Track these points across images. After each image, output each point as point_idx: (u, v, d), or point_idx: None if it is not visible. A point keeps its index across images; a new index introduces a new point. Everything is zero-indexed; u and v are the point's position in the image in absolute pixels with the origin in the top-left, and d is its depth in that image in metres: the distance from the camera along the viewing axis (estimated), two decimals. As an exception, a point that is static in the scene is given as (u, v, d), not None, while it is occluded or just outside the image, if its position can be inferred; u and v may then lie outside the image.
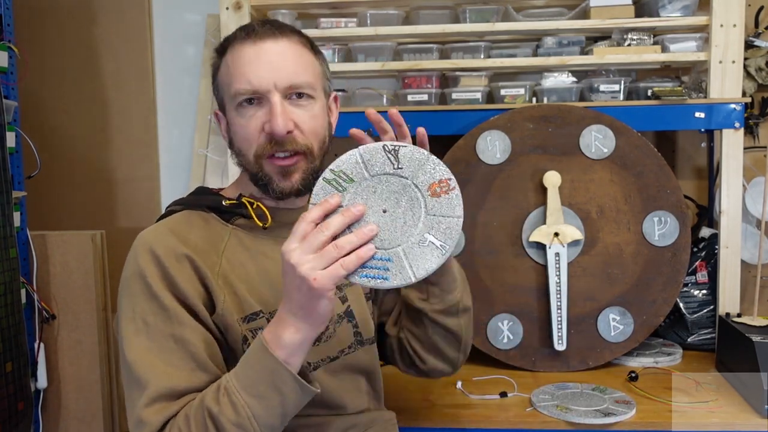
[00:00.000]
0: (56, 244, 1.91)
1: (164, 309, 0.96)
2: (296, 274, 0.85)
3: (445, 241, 0.90)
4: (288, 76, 1.02)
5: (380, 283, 0.89)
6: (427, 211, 0.91)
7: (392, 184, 0.92)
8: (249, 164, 1.06)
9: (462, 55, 1.83)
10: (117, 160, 2.22)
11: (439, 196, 0.92)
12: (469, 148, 1.71)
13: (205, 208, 1.09)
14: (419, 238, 0.90)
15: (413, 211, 0.91)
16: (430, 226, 0.91)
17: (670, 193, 1.66)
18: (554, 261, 1.65)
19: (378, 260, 0.89)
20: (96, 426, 1.93)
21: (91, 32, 2.19)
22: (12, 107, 1.80)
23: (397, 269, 0.89)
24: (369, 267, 0.89)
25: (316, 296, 0.86)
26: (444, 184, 0.92)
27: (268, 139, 1.02)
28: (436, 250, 0.90)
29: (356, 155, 0.93)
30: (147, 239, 1.01)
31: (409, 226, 0.91)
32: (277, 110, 1.01)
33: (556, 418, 1.39)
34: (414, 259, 0.90)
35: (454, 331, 1.17)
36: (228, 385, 0.90)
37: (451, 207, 0.91)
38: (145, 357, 0.95)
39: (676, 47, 1.76)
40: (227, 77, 1.05)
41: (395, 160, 0.93)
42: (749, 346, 1.45)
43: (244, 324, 1.02)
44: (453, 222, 0.91)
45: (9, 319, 1.69)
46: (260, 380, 0.89)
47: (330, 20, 1.82)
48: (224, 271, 1.02)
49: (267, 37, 1.03)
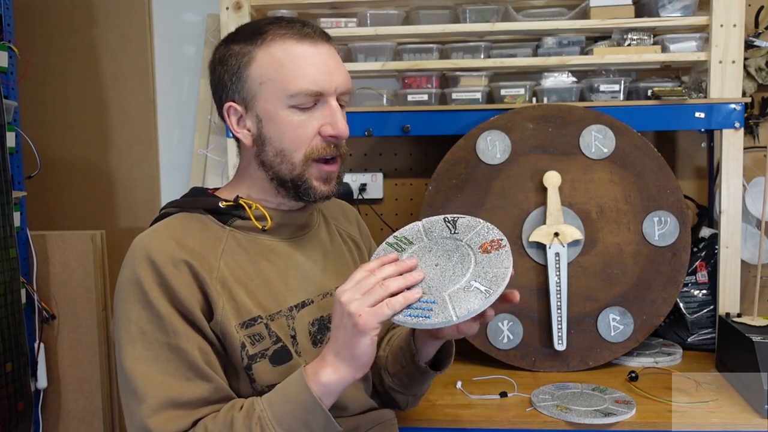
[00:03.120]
0: (56, 244, 1.91)
1: (160, 318, 0.96)
2: (344, 311, 0.90)
3: (489, 287, 0.93)
4: (344, 81, 1.04)
5: (422, 321, 0.92)
6: (477, 263, 0.97)
7: (447, 244, 1.01)
8: (291, 165, 1.03)
9: (462, 55, 1.83)
10: (117, 160, 2.23)
11: (489, 252, 0.97)
12: (469, 148, 1.71)
13: (202, 210, 1.07)
14: (465, 284, 0.95)
15: (463, 264, 0.97)
16: (477, 275, 0.95)
17: (670, 193, 1.66)
18: (554, 261, 1.65)
19: (423, 302, 0.94)
20: (96, 426, 1.93)
21: (91, 32, 2.19)
22: (12, 107, 1.80)
23: (440, 309, 0.92)
24: (413, 307, 0.93)
25: (359, 333, 0.89)
26: (495, 243, 0.98)
27: (326, 141, 1.03)
28: (480, 294, 0.93)
29: (419, 225, 1.04)
30: (144, 245, 0.99)
31: (457, 276, 0.96)
32: (339, 114, 1.03)
33: (556, 418, 1.39)
34: (458, 301, 0.93)
35: (399, 405, 1.21)
36: (262, 415, 0.92)
37: (499, 260, 0.96)
38: (141, 366, 0.94)
39: (676, 47, 1.76)
40: (279, 73, 1.00)
41: (453, 227, 1.02)
42: (749, 346, 1.45)
43: (242, 330, 1.00)
44: (500, 272, 0.94)
45: (9, 319, 1.69)
46: (294, 416, 0.92)
47: (330, 20, 1.82)
48: (222, 276, 1.01)
49: (323, 39, 1.04)
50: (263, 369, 1.01)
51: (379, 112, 1.80)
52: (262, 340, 1.01)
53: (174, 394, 0.93)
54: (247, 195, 1.09)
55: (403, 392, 1.19)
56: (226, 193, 1.12)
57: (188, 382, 0.95)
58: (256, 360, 1.01)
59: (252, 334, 1.01)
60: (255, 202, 1.08)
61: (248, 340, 1.00)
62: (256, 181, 1.08)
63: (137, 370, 0.94)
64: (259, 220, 1.07)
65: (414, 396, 1.22)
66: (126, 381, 0.95)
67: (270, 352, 1.02)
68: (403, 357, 1.16)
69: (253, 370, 1.00)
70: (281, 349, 1.03)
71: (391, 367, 1.18)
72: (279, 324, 1.04)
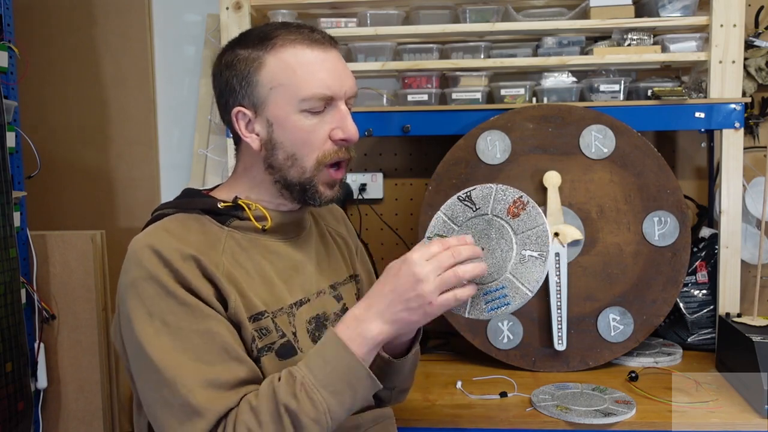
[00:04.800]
0: (56, 244, 1.90)
1: (184, 305, 0.95)
2: (417, 288, 0.92)
3: (540, 249, 1.00)
4: (352, 85, 1.07)
5: (505, 309, 0.99)
6: (515, 231, 1.01)
7: (478, 224, 1.04)
8: (302, 170, 1.04)
9: (462, 55, 1.83)
10: (117, 160, 2.22)
11: (519, 216, 1.02)
12: (469, 148, 1.71)
13: (199, 210, 1.07)
14: (519, 257, 1.00)
15: (504, 237, 1.02)
16: (523, 243, 1.01)
17: (670, 193, 1.66)
18: (554, 261, 1.65)
19: (495, 291, 1.00)
20: (96, 426, 1.93)
21: (91, 32, 2.19)
22: (12, 107, 1.80)
23: (513, 291, 0.99)
24: (490, 300, 1.00)
25: (423, 314, 0.94)
26: (518, 203, 1.02)
27: (338, 145, 1.04)
28: (537, 260, 0.99)
29: (441, 216, 1.06)
30: (147, 242, 0.98)
31: (506, 252, 1.01)
32: (350, 117, 1.04)
33: (556, 418, 1.39)
34: (522, 276, 0.99)
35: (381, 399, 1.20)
36: (305, 381, 0.92)
37: (532, 219, 1.01)
38: (172, 356, 0.93)
39: (676, 47, 1.76)
40: (291, 78, 1.01)
41: (471, 204, 1.05)
42: (749, 346, 1.45)
43: (251, 323, 1.01)
44: (540, 230, 1.00)
45: (9, 319, 1.69)
46: (337, 377, 0.93)
47: (330, 20, 1.82)
48: (228, 271, 1.01)
49: (331, 44, 1.06)
50: (270, 362, 1.01)
51: (379, 112, 1.80)
52: (269, 334, 1.02)
53: (211, 377, 0.92)
54: (245, 196, 1.09)
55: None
56: (222, 193, 1.11)
57: (223, 364, 0.94)
58: (263, 353, 1.01)
59: (260, 327, 1.01)
60: (253, 202, 1.08)
61: (257, 334, 1.01)
62: (258, 183, 1.09)
63: (169, 361, 0.92)
64: (258, 221, 1.07)
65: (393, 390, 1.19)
66: (158, 374, 0.93)
67: (276, 346, 1.02)
68: None
69: (261, 363, 1.00)
70: (287, 343, 1.04)
71: None
72: (282, 320, 1.05)
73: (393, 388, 1.19)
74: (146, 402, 0.97)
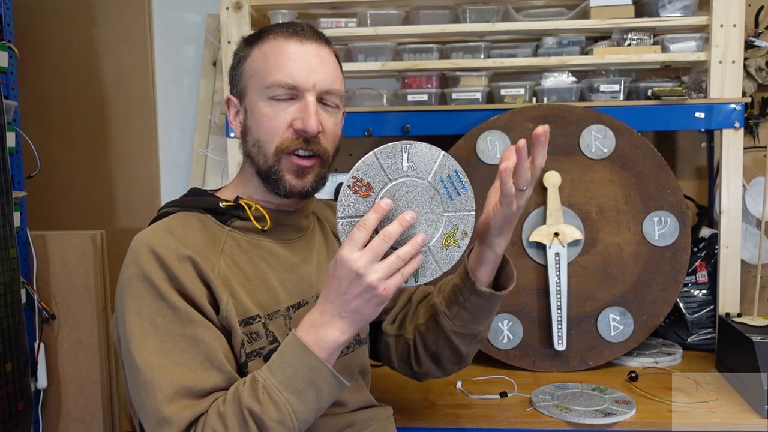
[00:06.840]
0: (56, 244, 1.90)
1: (173, 309, 0.96)
2: (362, 283, 0.90)
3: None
4: (327, 80, 1.06)
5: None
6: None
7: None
8: (265, 157, 1.05)
9: (462, 55, 1.83)
10: (117, 160, 2.23)
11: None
12: (469, 148, 1.71)
13: (201, 209, 1.08)
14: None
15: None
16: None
17: (670, 193, 1.66)
18: (554, 261, 1.65)
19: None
20: (96, 426, 1.93)
21: (91, 32, 2.19)
22: (12, 107, 1.80)
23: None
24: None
25: (378, 303, 0.92)
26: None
27: (295, 135, 1.04)
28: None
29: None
30: (146, 241, 0.99)
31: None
32: (312, 109, 1.04)
33: (556, 418, 1.39)
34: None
35: (461, 353, 1.19)
36: (266, 383, 0.92)
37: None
38: (154, 359, 0.94)
39: (676, 47, 1.76)
40: (263, 66, 1.05)
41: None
42: (749, 346, 1.45)
43: (242, 327, 1.01)
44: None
45: (9, 319, 1.69)
46: (299, 377, 0.92)
47: (330, 20, 1.82)
48: (223, 273, 1.02)
49: (313, 39, 1.07)
50: (257, 367, 1.00)
51: (379, 112, 1.80)
52: (259, 339, 1.02)
53: (189, 384, 0.93)
54: (247, 196, 1.10)
55: (467, 332, 1.16)
56: (227, 193, 1.13)
57: (204, 371, 0.95)
58: (251, 357, 1.01)
59: (250, 332, 1.02)
60: (255, 203, 1.09)
61: (246, 338, 1.01)
62: (250, 177, 1.10)
63: (150, 363, 0.94)
64: (258, 221, 1.07)
65: (476, 337, 1.18)
66: (138, 376, 0.94)
67: (265, 351, 1.02)
68: (461, 293, 1.13)
69: (249, 367, 1.01)
70: (276, 349, 1.03)
71: (450, 311, 1.15)
72: (277, 323, 1.05)
73: (477, 335, 1.18)
74: (130, 398, 1.00)
